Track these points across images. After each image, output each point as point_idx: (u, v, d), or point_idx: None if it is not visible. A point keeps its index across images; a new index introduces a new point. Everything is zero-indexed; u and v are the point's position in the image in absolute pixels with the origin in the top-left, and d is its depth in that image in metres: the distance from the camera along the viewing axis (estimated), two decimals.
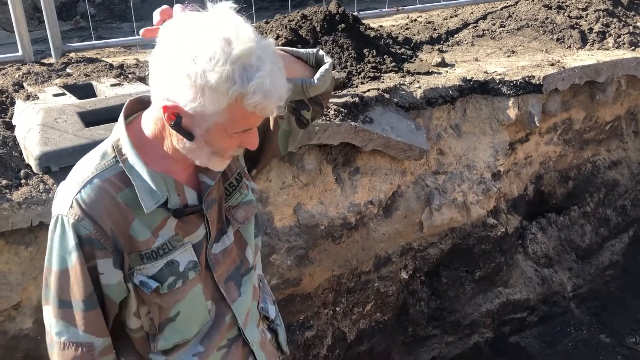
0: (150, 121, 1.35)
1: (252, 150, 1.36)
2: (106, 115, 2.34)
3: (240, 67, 1.18)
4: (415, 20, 4.62)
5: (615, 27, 4.24)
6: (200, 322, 1.48)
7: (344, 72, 3.13)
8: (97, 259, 1.31)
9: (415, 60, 3.57)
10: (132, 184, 1.32)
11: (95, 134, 2.18)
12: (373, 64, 3.27)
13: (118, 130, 1.36)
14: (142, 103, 1.41)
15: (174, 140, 1.32)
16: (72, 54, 3.22)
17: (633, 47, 4.07)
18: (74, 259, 1.30)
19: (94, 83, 2.73)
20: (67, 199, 1.31)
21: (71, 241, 1.29)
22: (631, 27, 4.32)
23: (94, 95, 2.64)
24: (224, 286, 1.50)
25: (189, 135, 1.27)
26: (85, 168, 1.34)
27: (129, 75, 2.86)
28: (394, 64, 3.36)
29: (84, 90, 2.65)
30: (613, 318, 4.01)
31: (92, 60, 3.03)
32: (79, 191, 1.30)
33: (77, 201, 1.29)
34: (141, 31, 1.42)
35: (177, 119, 1.25)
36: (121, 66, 3.07)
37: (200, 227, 1.43)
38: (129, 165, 1.32)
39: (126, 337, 1.47)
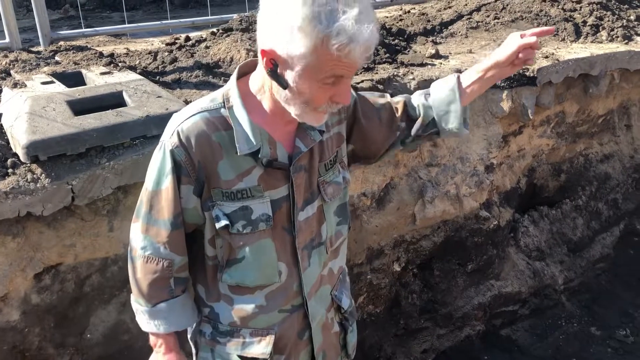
0: (257, 78, 1.50)
1: (345, 104, 1.43)
2: (96, 104, 2.30)
3: (327, 9, 1.27)
4: (409, 11, 4.58)
5: (608, 21, 4.23)
6: (265, 277, 1.58)
7: None
8: (181, 184, 1.49)
9: (409, 51, 3.54)
10: (230, 128, 1.47)
11: (84, 123, 2.14)
12: None
13: (230, 83, 1.53)
14: (255, 65, 1.53)
15: (274, 90, 1.44)
16: (61, 43, 3.17)
17: (626, 41, 4.07)
18: (168, 181, 1.48)
19: (83, 71, 2.68)
20: (171, 129, 1.49)
21: (168, 165, 1.47)
22: (624, 21, 4.31)
23: (83, 83, 2.59)
24: (301, 254, 1.60)
25: (283, 82, 1.38)
26: (195, 106, 1.51)
27: (119, 64, 2.81)
28: (387, 55, 3.33)
29: (73, 79, 2.60)
30: (603, 311, 4.02)
31: (81, 49, 2.98)
32: (182, 122, 1.47)
33: (178, 131, 1.46)
34: None
35: (273, 66, 1.37)
36: (111, 55, 3.02)
37: (283, 187, 1.54)
38: (233, 113, 1.48)
39: (203, 266, 1.64)
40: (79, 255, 2.23)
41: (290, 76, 1.37)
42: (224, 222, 1.50)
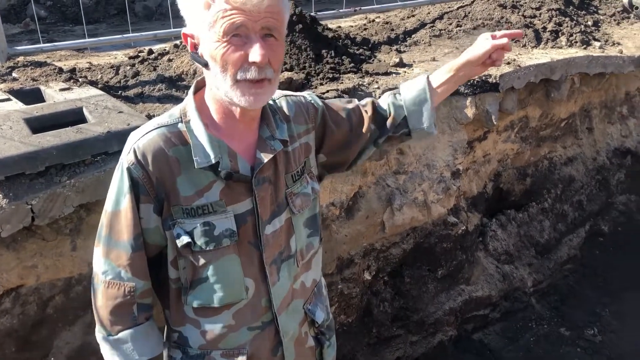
0: (207, 87, 1.50)
1: (257, 62, 1.36)
2: (55, 121, 2.25)
3: None
4: (373, 20, 4.62)
5: (567, 26, 4.32)
6: (231, 295, 1.55)
7: (302, 73, 3.10)
8: (140, 203, 1.46)
9: (373, 60, 3.56)
10: (187, 143, 1.46)
11: (43, 141, 2.09)
12: (332, 65, 3.25)
13: (187, 98, 1.53)
14: None
15: (211, 85, 1.45)
16: (20, 58, 3.10)
17: (585, 46, 4.17)
18: (127, 201, 1.46)
19: (42, 88, 2.62)
20: (128, 146, 1.47)
21: (126, 184, 1.45)
22: (582, 26, 4.42)
23: (42, 100, 2.54)
24: (269, 268, 1.57)
25: (203, 61, 1.41)
26: (152, 122, 1.51)
27: (80, 79, 2.76)
28: (352, 64, 3.35)
29: (31, 96, 2.54)
30: (572, 312, 4.08)
31: (40, 64, 2.92)
32: (138, 140, 1.46)
33: (134, 149, 1.45)
34: None
35: (195, 48, 1.43)
36: (72, 70, 2.96)
37: (247, 201, 1.51)
38: (190, 127, 1.47)
39: (168, 290, 1.59)
40: (41, 276, 2.17)
41: (205, 49, 1.39)
42: (185, 239, 1.47)
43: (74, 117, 2.30)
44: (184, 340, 1.63)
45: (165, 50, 3.25)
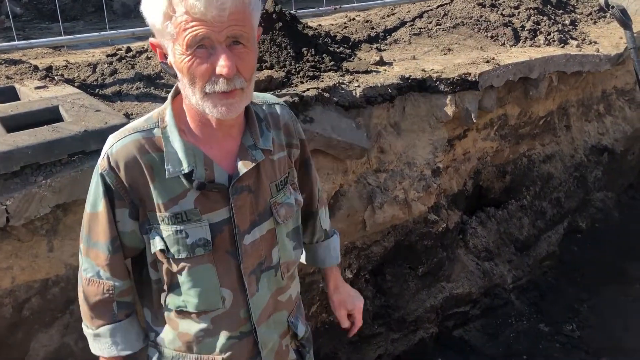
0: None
1: (226, 75, 1.30)
2: (30, 120, 2.22)
3: None
4: (354, 19, 4.62)
5: (545, 25, 4.37)
6: (207, 303, 1.53)
7: (283, 71, 3.08)
8: (115, 207, 1.47)
9: (354, 59, 3.56)
10: (162, 150, 1.43)
11: (18, 140, 2.05)
12: (312, 63, 3.24)
13: (166, 102, 1.49)
14: None
15: (183, 95, 1.41)
16: None
17: (562, 44, 4.21)
18: (102, 205, 1.46)
19: (16, 86, 2.57)
20: (103, 151, 1.46)
21: (101, 188, 1.45)
22: (560, 25, 4.47)
23: (17, 98, 2.49)
24: (247, 279, 1.54)
25: (172, 72, 1.38)
26: (129, 126, 1.48)
27: (56, 77, 2.72)
28: (332, 62, 3.34)
29: (6, 94, 2.49)
30: (551, 307, 4.12)
31: (14, 62, 2.87)
32: (112, 145, 1.44)
33: (107, 155, 1.44)
34: None
35: (164, 60, 1.39)
36: (49, 68, 2.92)
37: (223, 210, 1.48)
38: (166, 133, 1.44)
39: (149, 289, 1.59)
40: (17, 278, 2.13)
41: (172, 59, 1.35)
42: (159, 245, 1.47)
43: (50, 115, 2.26)
44: (161, 340, 1.62)
45: (143, 48, 3.21)
